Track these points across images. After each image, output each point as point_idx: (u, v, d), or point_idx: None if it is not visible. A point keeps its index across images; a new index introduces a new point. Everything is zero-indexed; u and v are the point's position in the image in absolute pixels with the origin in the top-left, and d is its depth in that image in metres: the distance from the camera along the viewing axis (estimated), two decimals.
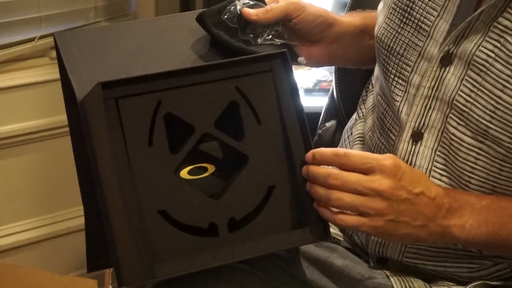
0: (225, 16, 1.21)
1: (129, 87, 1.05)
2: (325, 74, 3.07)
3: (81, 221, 1.22)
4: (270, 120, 1.11)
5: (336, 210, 1.07)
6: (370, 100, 1.37)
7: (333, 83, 1.66)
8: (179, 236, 1.06)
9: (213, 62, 1.10)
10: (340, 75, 1.65)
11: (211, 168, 1.11)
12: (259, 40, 1.23)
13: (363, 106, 1.40)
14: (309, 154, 1.09)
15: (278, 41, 1.23)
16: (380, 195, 1.05)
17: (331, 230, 1.15)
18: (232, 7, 1.22)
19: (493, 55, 1.10)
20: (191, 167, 1.10)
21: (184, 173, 1.09)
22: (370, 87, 1.39)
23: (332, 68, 1.68)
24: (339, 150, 1.08)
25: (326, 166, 1.09)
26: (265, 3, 1.25)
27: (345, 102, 1.62)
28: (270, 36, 1.24)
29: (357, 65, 1.47)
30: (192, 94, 1.07)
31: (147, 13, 2.65)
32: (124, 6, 2.64)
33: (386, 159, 1.07)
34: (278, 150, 1.11)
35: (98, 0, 2.54)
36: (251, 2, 1.23)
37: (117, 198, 1.02)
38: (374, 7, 1.38)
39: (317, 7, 1.31)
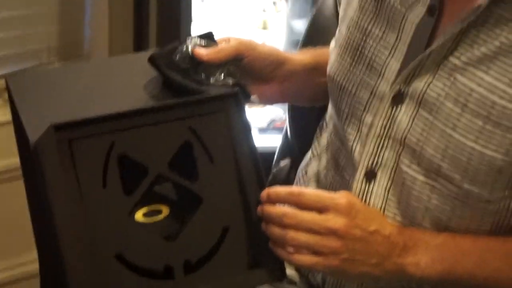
0: (177, 57, 1.22)
1: (82, 128, 1.04)
2: (279, 113, 3.09)
3: (35, 266, 1.20)
4: (224, 160, 1.11)
5: (292, 249, 1.07)
6: (324, 138, 1.38)
7: (287, 122, 1.67)
8: (135, 280, 1.05)
9: (166, 102, 1.10)
10: (294, 114, 1.66)
11: (165, 210, 1.11)
12: (211, 80, 1.23)
13: (317, 145, 1.41)
14: (264, 194, 1.09)
15: (230, 81, 1.24)
16: (334, 234, 1.06)
17: (288, 270, 1.15)
18: (184, 48, 1.22)
19: (443, 93, 1.11)
20: (145, 208, 1.09)
21: (139, 215, 1.09)
22: (324, 125, 1.40)
23: (286, 106, 1.69)
24: (293, 189, 1.09)
25: (281, 205, 1.09)
26: (216, 43, 1.26)
27: (299, 141, 1.63)
28: (223, 76, 1.24)
29: (310, 103, 1.48)
30: (145, 135, 1.07)
31: (101, 53, 2.65)
32: (78, 46, 2.64)
33: (340, 197, 1.08)
34: (232, 190, 1.11)
35: (51, 40, 2.53)
36: (203, 43, 1.24)
37: (71, 242, 1.01)
38: (326, 44, 1.39)
39: (268, 46, 1.32)
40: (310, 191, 1.08)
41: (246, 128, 1.12)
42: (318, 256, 1.06)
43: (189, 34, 1.29)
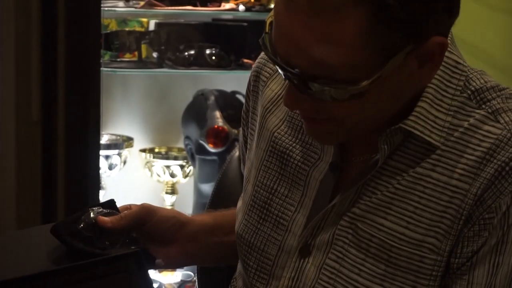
0: (81, 226, 1.23)
1: None
2: (189, 274, 3.09)
3: None
4: None
5: None
6: None
7: (196, 283, 1.67)
8: None
9: (67, 265, 1.10)
10: (203, 274, 1.66)
11: None
12: (116, 246, 1.24)
13: None
14: None
15: (133, 247, 1.25)
16: None
17: None
18: (87, 216, 1.24)
19: (347, 241, 1.15)
20: None
21: None
22: (234, 283, 1.41)
23: (196, 267, 1.70)
24: None
25: None
26: (118, 211, 1.28)
27: None
28: (127, 241, 1.26)
29: (215, 263, 1.49)
30: None
31: (8, 222, 2.62)
32: None
33: None
34: None
35: None
36: (105, 211, 1.26)
37: None
38: (233, 205, 1.42)
39: (169, 209, 1.36)
40: None
41: (149, 287, 1.13)
42: None
43: (98, 202, 1.32)
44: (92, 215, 1.25)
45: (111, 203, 1.29)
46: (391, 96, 1.09)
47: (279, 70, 1.08)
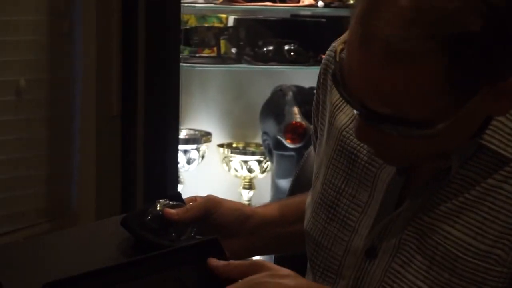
0: (148, 218, 1.26)
1: (72, 286, 1.06)
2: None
3: None
4: None
5: None
6: None
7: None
8: None
9: (152, 254, 1.12)
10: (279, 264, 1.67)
11: None
12: (182, 238, 1.26)
13: None
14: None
15: (199, 238, 1.27)
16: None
17: None
18: (154, 209, 1.27)
19: (414, 246, 1.15)
20: None
21: None
22: (306, 277, 1.42)
23: (273, 261, 1.71)
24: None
25: None
26: (184, 203, 1.30)
27: None
28: (193, 234, 1.28)
29: (281, 252, 1.51)
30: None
31: (88, 213, 2.68)
32: (65, 206, 2.67)
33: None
34: None
35: (39, 202, 2.57)
36: (171, 203, 1.28)
37: None
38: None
39: (234, 201, 1.37)
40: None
41: None
42: None
43: (177, 195, 1.34)
44: (158, 207, 1.27)
45: (177, 195, 1.31)
46: (465, 129, 1.09)
47: (349, 105, 1.08)
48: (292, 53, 3.12)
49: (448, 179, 1.13)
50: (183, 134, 3.13)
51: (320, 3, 3.13)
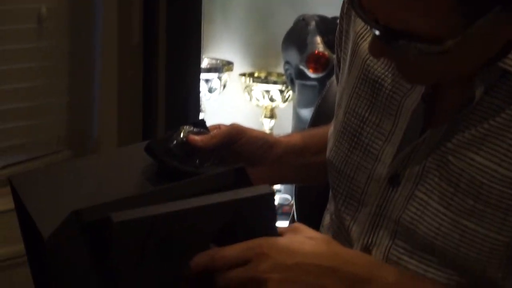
0: (172, 144, 1.25)
1: (101, 214, 1.04)
2: (287, 198, 3.12)
3: None
4: None
5: None
6: (327, 219, 1.40)
7: (294, 207, 1.69)
8: None
9: (180, 181, 1.10)
10: (300, 198, 1.68)
11: None
12: (205, 165, 1.26)
13: (321, 226, 1.43)
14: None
15: (223, 166, 1.27)
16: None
17: None
18: (178, 136, 1.26)
19: (438, 174, 1.14)
20: None
21: None
22: (328, 206, 1.42)
23: (293, 191, 1.71)
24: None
25: None
26: (208, 130, 1.30)
27: (306, 224, 1.64)
28: (216, 161, 1.27)
29: (303, 182, 1.51)
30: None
31: (110, 141, 2.69)
32: (87, 134, 2.68)
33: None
34: None
35: (60, 130, 2.58)
36: (196, 129, 1.27)
37: None
38: None
39: (257, 130, 1.37)
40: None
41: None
42: None
43: (201, 123, 1.34)
44: (182, 134, 1.26)
45: (201, 123, 1.30)
46: (480, 51, 1.07)
47: (363, 22, 1.08)
48: None
49: (472, 106, 1.12)
50: (205, 63, 3.11)
51: None
